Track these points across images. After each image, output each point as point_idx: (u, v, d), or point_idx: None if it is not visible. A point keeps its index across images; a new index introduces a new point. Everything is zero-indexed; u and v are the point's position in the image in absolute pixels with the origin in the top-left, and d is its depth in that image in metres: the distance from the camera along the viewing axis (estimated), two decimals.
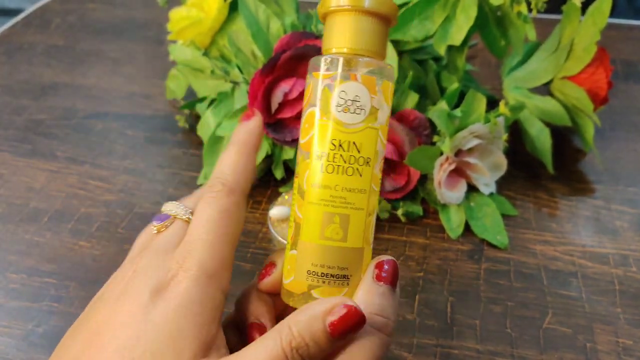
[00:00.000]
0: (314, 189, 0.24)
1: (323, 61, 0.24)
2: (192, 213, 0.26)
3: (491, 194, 0.46)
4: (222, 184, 0.26)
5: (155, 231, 0.26)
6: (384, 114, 0.25)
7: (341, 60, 0.24)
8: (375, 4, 0.24)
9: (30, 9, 0.83)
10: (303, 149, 0.25)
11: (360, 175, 0.24)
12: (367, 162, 0.24)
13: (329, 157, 0.24)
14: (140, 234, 0.27)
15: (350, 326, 0.22)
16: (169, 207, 0.27)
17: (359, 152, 0.24)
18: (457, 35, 0.46)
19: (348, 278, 0.25)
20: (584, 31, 0.46)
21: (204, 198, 0.26)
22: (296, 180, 0.26)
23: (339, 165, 0.24)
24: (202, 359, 0.22)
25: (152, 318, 0.22)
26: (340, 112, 0.24)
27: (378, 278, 0.24)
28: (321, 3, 0.25)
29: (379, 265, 0.24)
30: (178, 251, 0.24)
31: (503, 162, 0.46)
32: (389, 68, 0.25)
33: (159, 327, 0.22)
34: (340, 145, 0.24)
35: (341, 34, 0.24)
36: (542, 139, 0.48)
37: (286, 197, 0.43)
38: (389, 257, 0.25)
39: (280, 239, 0.42)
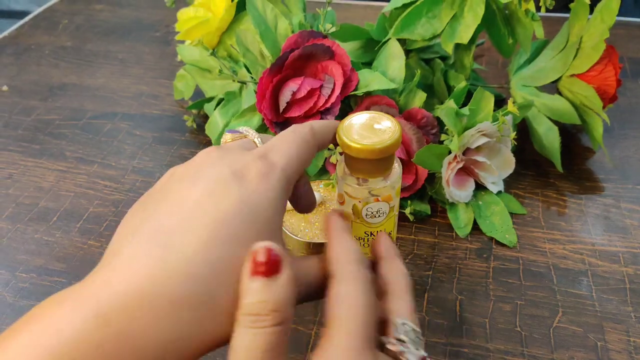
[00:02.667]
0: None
1: (353, 189, 0.31)
2: (260, 139, 0.28)
3: (499, 193, 0.46)
4: (307, 127, 0.29)
5: (229, 140, 0.29)
6: (398, 199, 0.32)
7: (365, 182, 0.30)
8: (385, 151, 0.28)
9: (37, 11, 0.83)
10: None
11: None
12: (389, 233, 0.33)
13: (363, 240, 0.33)
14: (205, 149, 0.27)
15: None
16: (243, 129, 0.29)
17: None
18: (464, 33, 0.46)
19: None
20: (593, 29, 0.46)
21: (285, 130, 0.28)
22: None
23: (369, 244, 0.32)
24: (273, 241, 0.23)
25: (245, 196, 0.23)
26: (369, 218, 0.32)
27: (252, 273, 0.22)
28: (340, 140, 0.28)
29: (253, 259, 0.22)
30: (257, 150, 0.26)
31: (511, 160, 0.46)
32: (397, 167, 0.31)
33: (256, 206, 0.23)
34: (370, 234, 0.33)
35: (363, 169, 0.30)
36: (550, 137, 0.48)
37: None
38: (264, 244, 0.22)
39: (288, 232, 0.42)
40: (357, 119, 0.30)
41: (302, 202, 0.31)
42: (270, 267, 0.21)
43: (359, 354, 0.22)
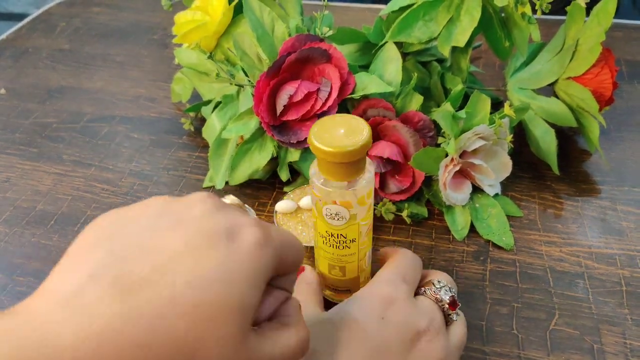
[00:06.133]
0: (321, 251, 0.36)
1: (316, 187, 0.32)
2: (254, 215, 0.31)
3: (496, 195, 0.46)
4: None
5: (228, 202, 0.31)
6: (364, 210, 0.33)
7: (327, 183, 0.31)
8: (350, 156, 0.29)
9: (35, 13, 0.83)
10: (314, 224, 0.35)
11: (349, 248, 0.34)
12: (353, 240, 0.34)
13: (325, 239, 0.34)
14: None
15: None
16: (233, 199, 0.33)
17: (345, 237, 0.34)
18: (461, 36, 0.46)
19: (350, 291, 0.37)
20: (589, 31, 0.46)
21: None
22: (314, 232, 0.36)
23: (332, 244, 0.34)
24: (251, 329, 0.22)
25: (228, 262, 0.21)
26: (328, 218, 0.33)
27: None
28: (311, 144, 0.29)
29: None
30: (254, 218, 0.24)
31: (508, 163, 0.46)
32: (367, 174, 0.32)
33: (233, 276, 0.21)
34: (331, 234, 0.34)
35: (325, 168, 0.31)
36: (547, 139, 0.48)
37: (291, 195, 0.44)
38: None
39: None
40: (336, 120, 0.30)
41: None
42: None
43: (395, 283, 0.31)
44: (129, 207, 0.23)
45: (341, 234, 0.33)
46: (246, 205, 0.33)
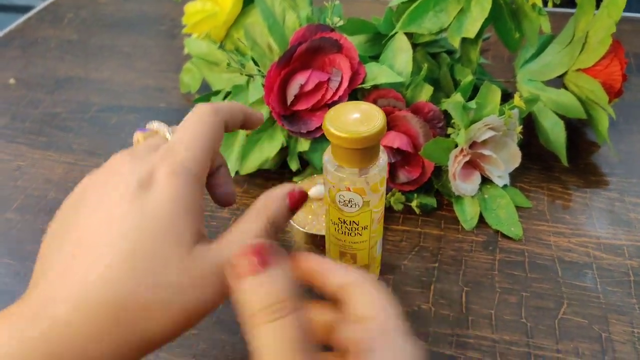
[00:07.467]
0: (332, 239, 0.36)
1: (330, 173, 0.32)
2: (171, 132, 0.28)
3: (505, 186, 0.46)
4: (209, 106, 0.29)
5: (141, 139, 0.28)
6: (376, 197, 0.33)
7: (341, 169, 0.32)
8: (365, 142, 0.29)
9: (43, 4, 0.84)
10: (326, 211, 0.35)
11: (361, 235, 0.35)
12: (365, 227, 0.34)
13: (338, 226, 0.34)
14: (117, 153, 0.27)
15: (301, 202, 0.28)
16: (154, 125, 0.29)
17: (357, 224, 0.34)
18: (471, 28, 0.46)
19: None
20: (599, 23, 0.46)
21: (188, 115, 0.28)
22: (326, 219, 0.36)
23: (344, 231, 0.34)
24: (196, 244, 0.24)
25: (147, 208, 0.23)
26: (341, 205, 0.33)
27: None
28: (326, 130, 0.30)
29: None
30: (161, 149, 0.26)
31: (517, 154, 0.46)
32: (380, 161, 0.32)
33: (156, 215, 0.23)
34: (343, 221, 0.34)
35: (339, 155, 0.31)
36: (556, 131, 0.48)
37: (301, 184, 0.44)
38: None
39: (295, 225, 0.42)
40: (350, 107, 0.31)
41: (218, 190, 0.30)
42: (257, 264, 0.22)
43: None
44: (90, 177, 0.26)
45: (353, 221, 0.33)
46: (162, 125, 0.29)
